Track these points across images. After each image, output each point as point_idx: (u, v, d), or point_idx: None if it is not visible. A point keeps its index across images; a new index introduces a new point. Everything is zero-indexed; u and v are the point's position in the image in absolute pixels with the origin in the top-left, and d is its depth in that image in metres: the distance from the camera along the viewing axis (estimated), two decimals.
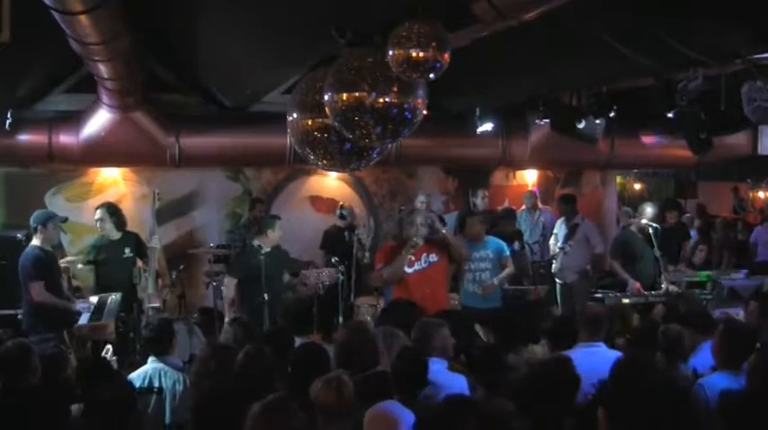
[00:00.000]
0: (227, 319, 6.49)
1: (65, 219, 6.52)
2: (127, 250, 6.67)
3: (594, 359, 4.01)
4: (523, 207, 9.58)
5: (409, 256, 6.05)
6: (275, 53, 5.93)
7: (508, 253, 7.02)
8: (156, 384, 4.31)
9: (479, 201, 9.11)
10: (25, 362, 3.99)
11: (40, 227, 6.07)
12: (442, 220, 7.70)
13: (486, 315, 6.25)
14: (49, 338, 5.60)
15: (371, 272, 6.77)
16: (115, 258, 6.67)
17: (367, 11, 4.63)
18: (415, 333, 4.25)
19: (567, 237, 8.24)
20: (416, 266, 6.12)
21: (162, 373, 4.39)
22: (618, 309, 6.78)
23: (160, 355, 4.50)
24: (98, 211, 6.79)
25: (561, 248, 8.17)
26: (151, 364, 4.46)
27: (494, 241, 7.00)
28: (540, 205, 9.71)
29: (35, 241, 6.10)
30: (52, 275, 6.10)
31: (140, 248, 6.76)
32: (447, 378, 4.01)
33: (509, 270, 6.96)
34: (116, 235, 6.73)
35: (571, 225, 8.31)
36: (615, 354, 4.09)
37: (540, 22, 4.24)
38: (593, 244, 8.31)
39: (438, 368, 4.01)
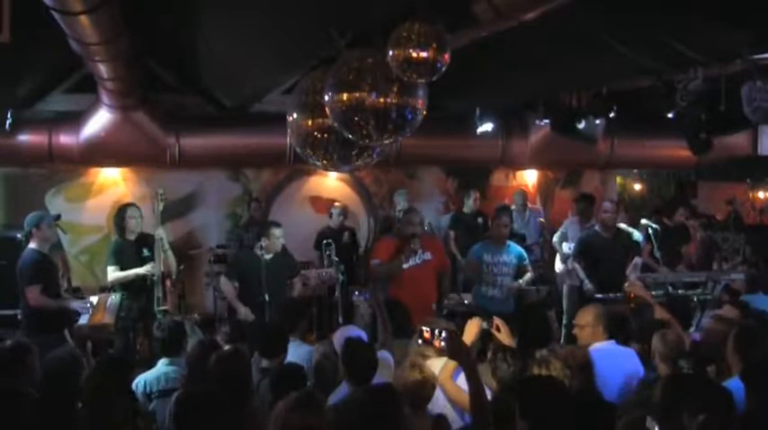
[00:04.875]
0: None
1: (57, 217, 6.49)
2: (145, 250, 6.62)
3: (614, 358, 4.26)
4: (513, 206, 9.43)
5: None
6: (275, 53, 5.92)
7: (527, 259, 7.17)
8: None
9: (471, 202, 9.12)
10: (23, 362, 3.97)
11: (34, 229, 6.03)
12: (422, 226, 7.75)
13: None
14: (51, 340, 5.57)
15: (366, 264, 6.98)
16: (138, 259, 6.59)
17: (367, 11, 4.62)
18: None
19: None
20: (411, 262, 6.41)
21: (175, 375, 4.43)
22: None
23: (172, 357, 4.54)
24: (130, 210, 6.70)
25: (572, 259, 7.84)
26: (163, 367, 4.50)
27: (515, 247, 7.13)
28: (529, 205, 9.68)
29: (32, 244, 6.07)
30: (49, 278, 6.07)
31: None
32: None
33: (530, 275, 7.11)
34: (134, 235, 6.68)
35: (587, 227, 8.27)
36: (628, 350, 4.42)
37: (540, 22, 4.23)
38: None
39: None
